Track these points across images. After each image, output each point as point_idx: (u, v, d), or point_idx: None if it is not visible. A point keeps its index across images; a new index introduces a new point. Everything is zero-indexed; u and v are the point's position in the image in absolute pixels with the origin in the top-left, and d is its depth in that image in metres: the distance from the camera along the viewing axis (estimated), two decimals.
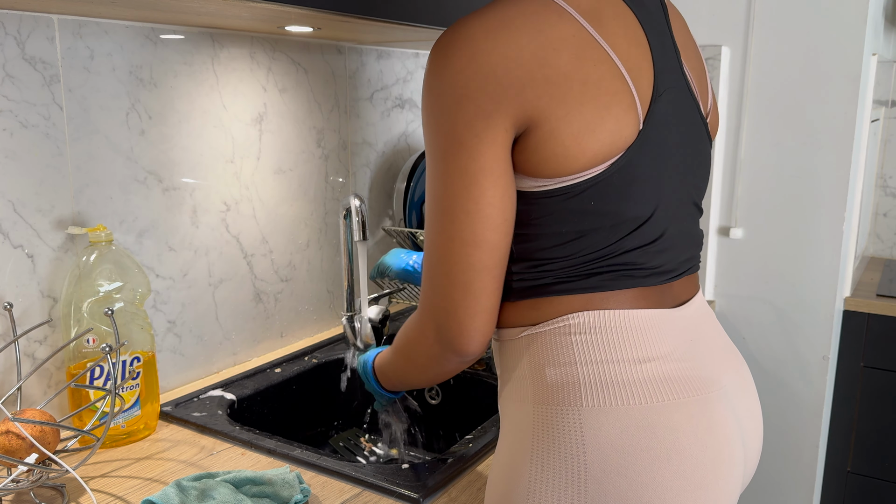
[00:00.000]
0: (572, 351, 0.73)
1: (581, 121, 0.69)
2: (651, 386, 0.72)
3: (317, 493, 0.91)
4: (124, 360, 1.05)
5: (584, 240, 0.73)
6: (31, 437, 0.86)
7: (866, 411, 1.95)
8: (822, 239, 1.85)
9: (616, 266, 0.74)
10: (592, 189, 0.71)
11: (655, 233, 0.76)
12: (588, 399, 0.71)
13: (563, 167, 0.71)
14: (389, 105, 1.68)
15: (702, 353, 0.77)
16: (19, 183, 1.02)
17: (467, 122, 0.68)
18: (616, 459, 0.70)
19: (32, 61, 1.01)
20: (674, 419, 0.71)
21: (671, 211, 0.78)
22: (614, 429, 0.70)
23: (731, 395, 0.78)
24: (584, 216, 0.72)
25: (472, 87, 0.68)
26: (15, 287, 1.03)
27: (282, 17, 1.07)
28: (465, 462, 0.97)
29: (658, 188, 0.75)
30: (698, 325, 0.80)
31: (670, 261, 0.78)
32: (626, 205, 0.73)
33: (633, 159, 0.72)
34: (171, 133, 1.20)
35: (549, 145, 0.70)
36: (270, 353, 1.44)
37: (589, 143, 0.70)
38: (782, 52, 1.82)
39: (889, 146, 2.34)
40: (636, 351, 0.73)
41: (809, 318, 1.90)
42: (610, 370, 0.72)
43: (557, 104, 0.69)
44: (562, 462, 0.71)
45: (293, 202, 1.45)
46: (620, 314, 0.73)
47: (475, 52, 0.68)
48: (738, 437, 0.77)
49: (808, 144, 1.83)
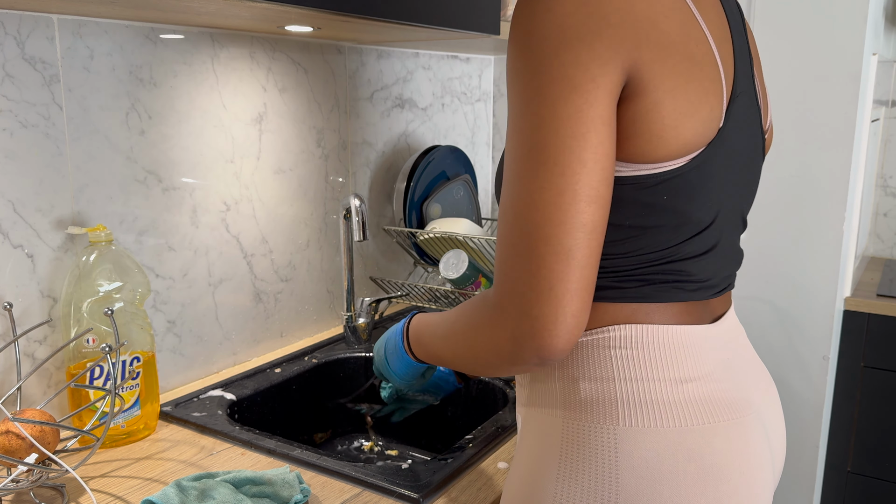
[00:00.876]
0: (611, 365, 0.69)
1: (685, 100, 0.64)
2: (691, 408, 0.68)
3: (317, 493, 0.91)
4: (124, 360, 1.05)
5: (645, 238, 0.68)
6: (30, 437, 0.86)
7: (866, 411, 1.95)
8: (822, 239, 1.85)
9: (668, 274, 0.70)
10: (669, 182, 0.66)
11: (710, 242, 0.72)
12: (625, 418, 0.68)
13: (652, 150, 0.64)
14: (389, 105, 1.68)
15: (736, 373, 0.74)
16: (19, 183, 1.02)
17: (582, 65, 0.60)
18: (650, 482, 0.67)
19: (32, 61, 1.01)
20: (712, 443, 0.68)
21: (726, 222, 0.74)
22: (651, 450, 0.67)
23: (763, 415, 0.76)
24: (651, 211, 0.67)
25: (585, 31, 0.60)
26: (15, 287, 1.03)
27: (282, 16, 1.07)
28: (465, 462, 0.97)
29: (721, 194, 0.71)
30: (733, 341, 0.77)
31: (716, 275, 0.75)
32: (694, 206, 0.68)
33: (711, 157, 0.68)
34: (170, 133, 1.20)
35: (649, 119, 0.63)
36: (270, 353, 1.44)
37: (685, 129, 0.64)
38: (782, 52, 1.82)
39: (889, 146, 2.34)
40: (678, 370, 0.69)
41: (809, 318, 1.90)
42: (650, 389, 0.68)
43: (668, 75, 0.63)
44: (592, 481, 0.68)
45: (293, 202, 1.45)
46: (663, 330, 0.70)
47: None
48: (769, 460, 0.75)
49: (808, 144, 1.83)
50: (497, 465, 0.99)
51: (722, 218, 0.73)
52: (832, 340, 1.89)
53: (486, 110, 2.05)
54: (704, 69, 0.66)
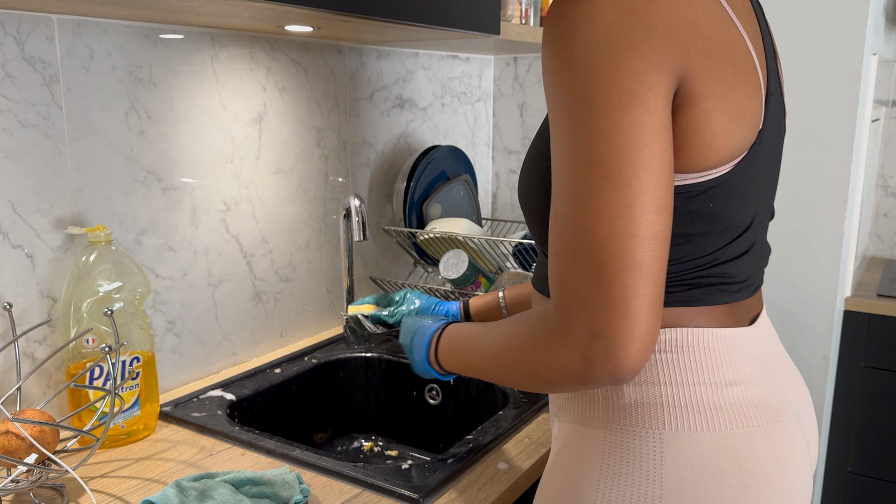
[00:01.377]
0: (656, 370, 0.69)
1: (733, 107, 0.63)
2: (736, 411, 0.68)
3: (317, 493, 0.91)
4: (124, 361, 1.05)
5: (691, 244, 0.68)
6: (30, 437, 0.86)
7: (866, 411, 1.94)
8: (822, 239, 1.85)
9: (713, 277, 0.70)
10: (715, 189, 0.65)
11: (749, 242, 0.72)
12: (670, 422, 0.68)
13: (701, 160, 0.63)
14: (389, 105, 1.68)
15: (776, 375, 0.74)
16: (19, 183, 1.01)
17: (638, 74, 0.58)
18: (694, 485, 0.67)
19: (32, 61, 1.01)
20: (755, 446, 0.68)
21: (760, 221, 0.74)
22: (696, 454, 0.67)
23: (801, 417, 0.76)
24: (698, 219, 0.66)
25: (635, 40, 0.58)
26: (14, 287, 1.02)
27: (282, 16, 1.07)
28: (465, 462, 0.97)
29: (760, 195, 0.71)
30: (769, 342, 0.77)
31: (754, 273, 0.74)
32: (737, 210, 0.68)
33: (753, 161, 0.67)
34: (170, 133, 1.20)
35: (701, 129, 0.62)
36: (270, 353, 1.43)
37: (734, 136, 0.63)
38: (782, 52, 1.82)
39: (889, 146, 2.34)
40: (722, 374, 0.69)
41: (810, 318, 1.90)
42: (695, 392, 0.68)
43: (716, 81, 0.62)
44: (635, 485, 0.68)
45: (293, 202, 1.45)
46: (707, 333, 0.69)
47: (630, 4, 0.59)
48: (808, 461, 0.75)
49: (808, 144, 1.83)
50: (497, 465, 0.99)
51: (758, 218, 0.73)
52: (832, 340, 1.89)
53: (486, 110, 2.05)
54: (747, 73, 0.65)
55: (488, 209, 2.13)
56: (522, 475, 0.97)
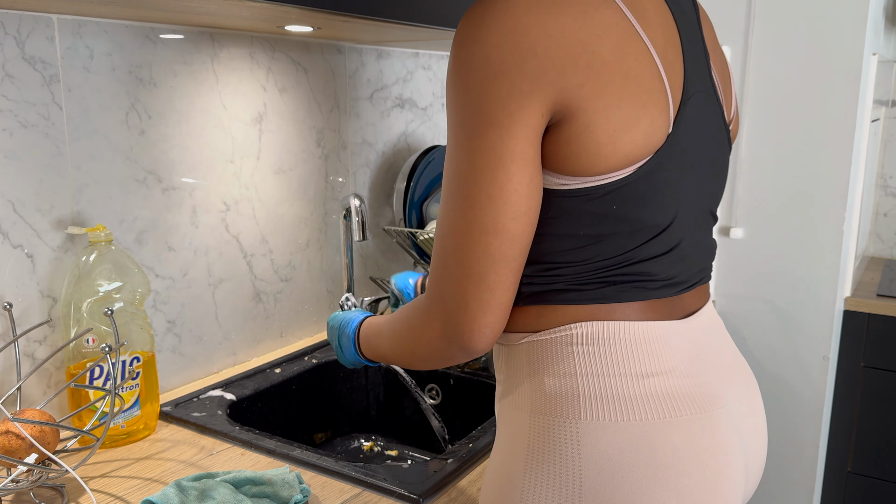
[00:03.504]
0: (573, 361, 0.71)
1: (619, 117, 0.66)
2: (653, 402, 0.69)
3: (317, 493, 0.91)
4: (124, 360, 1.05)
5: (601, 245, 0.70)
6: (30, 437, 0.86)
7: (866, 411, 1.95)
8: (822, 239, 1.85)
9: (629, 276, 0.72)
10: (616, 192, 0.68)
11: (671, 242, 0.73)
12: (587, 412, 0.69)
13: (592, 166, 0.66)
14: (389, 105, 1.68)
15: (707, 368, 0.74)
16: (19, 183, 1.01)
17: (500, 100, 0.63)
18: (612, 475, 0.68)
19: (32, 61, 1.01)
20: (674, 437, 0.69)
21: (688, 220, 0.75)
22: (612, 444, 0.68)
23: (736, 412, 0.76)
24: (604, 220, 0.69)
25: (509, 64, 0.62)
26: (15, 287, 1.03)
27: (282, 16, 1.07)
28: (465, 462, 0.97)
29: (678, 196, 0.72)
30: (705, 337, 0.77)
31: (683, 272, 0.76)
32: (647, 211, 0.70)
33: (660, 164, 0.69)
34: (170, 133, 1.20)
35: (583, 140, 0.65)
36: (270, 353, 1.44)
37: (623, 143, 0.66)
38: (782, 52, 1.82)
39: (889, 146, 2.34)
40: (640, 365, 0.70)
41: (809, 318, 1.90)
42: (611, 384, 0.70)
43: (598, 95, 0.65)
44: (556, 474, 0.70)
45: (293, 202, 1.45)
46: (625, 326, 0.71)
47: (515, 25, 0.63)
48: (740, 458, 0.75)
49: (808, 144, 1.83)
50: None
51: (683, 218, 0.74)
52: (832, 340, 1.89)
53: None
54: (643, 83, 0.67)
55: None
56: None
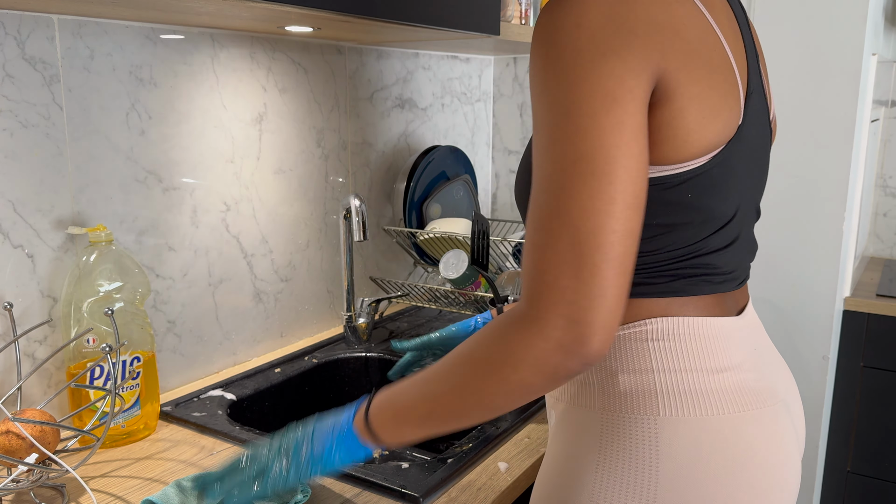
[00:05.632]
0: (649, 357, 0.72)
1: (708, 105, 0.67)
2: (727, 396, 0.71)
3: (317, 493, 0.91)
4: (124, 360, 1.05)
5: (673, 235, 0.71)
6: (31, 436, 0.86)
7: (866, 411, 1.95)
8: (822, 239, 1.85)
9: (698, 268, 0.73)
10: (694, 181, 0.69)
11: (733, 235, 0.75)
12: (665, 408, 0.71)
13: (677, 153, 0.67)
14: (389, 105, 1.68)
15: (764, 363, 0.77)
16: (19, 183, 1.02)
17: (618, 77, 0.61)
18: (689, 469, 0.69)
19: (32, 61, 1.01)
20: (748, 430, 0.71)
21: (746, 214, 0.77)
22: (689, 439, 0.70)
23: (789, 404, 0.78)
24: (678, 209, 0.70)
25: (617, 44, 0.62)
26: (15, 287, 1.03)
27: (282, 17, 1.07)
28: (465, 462, 0.97)
29: (741, 188, 0.74)
30: (756, 332, 0.80)
31: (739, 266, 0.78)
32: (717, 201, 0.71)
33: (732, 154, 0.71)
34: (171, 133, 1.20)
35: (675, 125, 0.66)
36: (270, 353, 1.44)
37: (708, 131, 0.67)
38: (782, 52, 1.82)
39: (889, 146, 2.34)
40: (713, 360, 0.72)
41: (809, 318, 1.90)
42: (687, 379, 0.71)
43: (693, 81, 0.66)
44: (632, 471, 0.71)
45: (293, 202, 1.45)
46: (698, 321, 0.72)
47: (611, 9, 0.63)
48: (796, 447, 0.78)
49: (808, 144, 1.83)
50: (497, 464, 0.99)
51: (742, 211, 0.76)
52: (832, 340, 1.89)
53: (485, 110, 2.06)
54: (723, 73, 0.69)
55: (488, 209, 2.13)
56: (522, 475, 0.97)
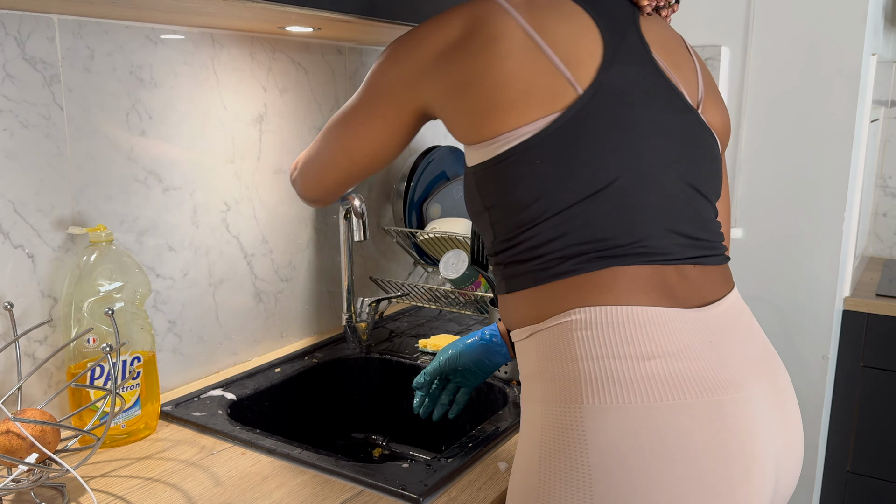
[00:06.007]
0: (573, 346, 0.71)
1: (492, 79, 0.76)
2: (655, 384, 0.68)
3: (317, 492, 0.91)
4: (124, 360, 1.05)
5: (542, 202, 0.74)
6: (31, 436, 0.86)
7: (866, 411, 1.95)
8: (821, 239, 1.85)
9: (585, 244, 0.73)
10: (535, 149, 0.74)
11: (623, 202, 0.74)
12: (588, 396, 0.69)
13: (483, 126, 0.76)
14: None
15: (721, 355, 0.73)
16: (19, 183, 1.02)
17: (395, 80, 0.86)
18: (619, 461, 0.67)
19: (32, 61, 1.01)
20: (679, 421, 0.68)
21: (648, 183, 0.76)
22: (616, 428, 0.68)
23: (757, 401, 0.74)
24: (534, 177, 0.74)
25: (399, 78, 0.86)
26: (15, 287, 1.03)
27: (282, 17, 1.07)
28: (465, 462, 0.97)
29: (621, 156, 0.75)
30: (725, 326, 0.76)
31: (655, 237, 0.75)
32: (576, 164, 0.74)
33: (579, 120, 0.73)
34: (171, 133, 1.20)
35: (470, 111, 0.78)
36: (270, 353, 1.44)
37: (499, 103, 0.75)
38: (782, 53, 1.82)
39: (889, 146, 2.34)
40: (640, 347, 0.70)
41: (809, 318, 1.90)
42: (611, 366, 0.69)
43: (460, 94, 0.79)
44: (567, 462, 0.69)
45: (293, 202, 1.45)
46: (624, 310, 0.71)
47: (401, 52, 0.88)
48: (763, 448, 0.72)
49: (808, 144, 1.84)
50: (497, 464, 0.99)
51: (631, 179, 0.74)
52: (831, 340, 1.89)
53: None
54: (535, 67, 0.76)
55: None
56: None
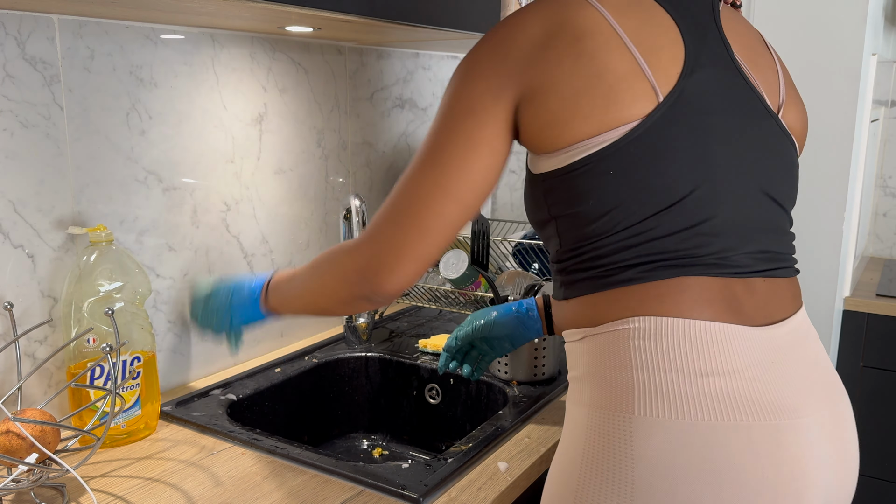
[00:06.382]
0: (629, 355, 0.70)
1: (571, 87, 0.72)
2: (711, 402, 0.67)
3: (317, 492, 0.91)
4: (124, 360, 1.05)
5: (614, 214, 0.71)
6: (31, 436, 0.86)
7: (866, 411, 1.95)
8: (822, 239, 1.85)
9: (653, 253, 0.71)
10: (610, 159, 0.70)
11: (700, 214, 0.72)
12: (640, 407, 0.68)
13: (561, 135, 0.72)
14: (389, 105, 1.68)
15: (783, 378, 0.71)
16: (19, 183, 1.02)
17: (478, 96, 0.75)
18: (663, 475, 0.66)
19: (33, 61, 1.01)
20: (732, 442, 0.66)
21: (724, 194, 0.73)
22: (664, 442, 0.66)
23: (815, 429, 0.71)
24: (607, 188, 0.71)
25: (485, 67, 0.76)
26: (15, 287, 1.03)
27: (282, 17, 1.07)
28: (465, 462, 0.97)
29: (698, 167, 0.72)
30: (789, 347, 0.74)
31: (729, 250, 0.73)
32: (651, 176, 0.71)
33: (657, 131, 0.70)
34: (171, 133, 1.20)
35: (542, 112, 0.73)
36: (270, 352, 1.44)
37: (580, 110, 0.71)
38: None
39: (889, 146, 2.34)
40: (699, 362, 0.68)
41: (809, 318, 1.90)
42: (667, 379, 0.68)
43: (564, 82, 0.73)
44: (611, 469, 0.69)
45: (293, 202, 1.45)
46: (685, 322, 0.69)
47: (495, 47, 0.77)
48: (814, 479, 0.70)
49: (807, 144, 1.83)
50: (497, 464, 0.99)
51: (708, 190, 0.72)
52: (831, 340, 1.89)
53: None
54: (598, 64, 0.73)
55: (488, 209, 2.13)
56: (522, 475, 0.97)
